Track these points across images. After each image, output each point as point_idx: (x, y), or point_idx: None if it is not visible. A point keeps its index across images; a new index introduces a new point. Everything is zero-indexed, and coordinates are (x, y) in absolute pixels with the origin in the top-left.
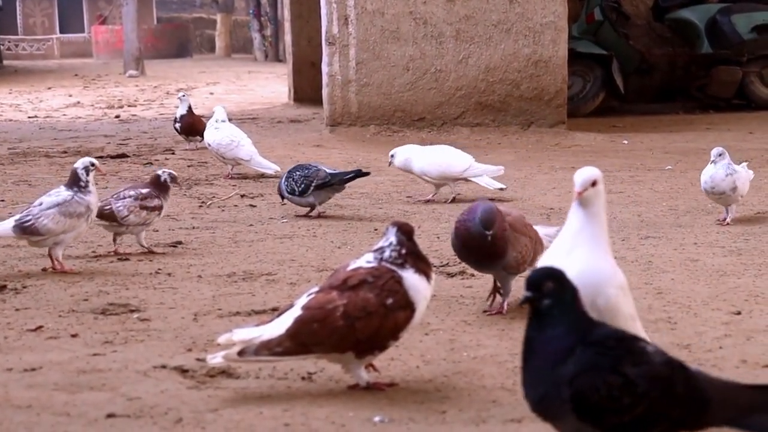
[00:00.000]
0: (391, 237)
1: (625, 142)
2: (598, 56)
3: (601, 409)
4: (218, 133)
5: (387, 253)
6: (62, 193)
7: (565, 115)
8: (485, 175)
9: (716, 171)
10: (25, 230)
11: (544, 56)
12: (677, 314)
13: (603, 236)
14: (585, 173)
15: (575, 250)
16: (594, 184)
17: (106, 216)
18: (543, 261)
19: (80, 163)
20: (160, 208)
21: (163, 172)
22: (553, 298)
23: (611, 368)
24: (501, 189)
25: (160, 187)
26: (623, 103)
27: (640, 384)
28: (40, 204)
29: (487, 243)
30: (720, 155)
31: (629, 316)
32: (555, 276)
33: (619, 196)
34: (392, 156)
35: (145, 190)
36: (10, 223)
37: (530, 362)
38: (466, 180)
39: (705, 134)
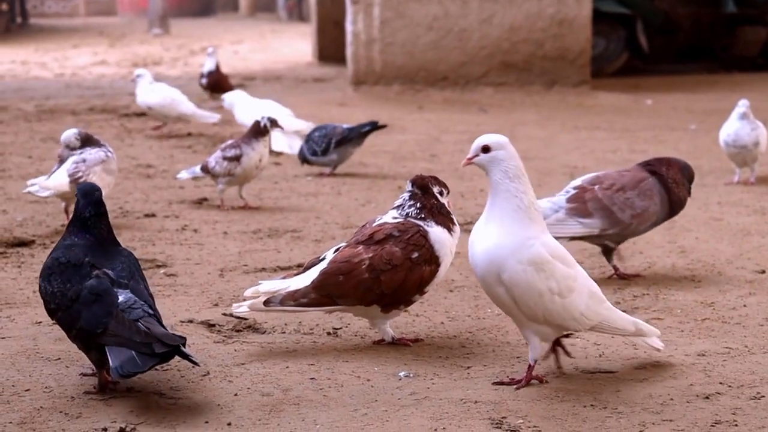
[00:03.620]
0: (406, 192)
1: (649, 101)
2: (621, 16)
3: (46, 308)
4: (155, 94)
5: (405, 209)
6: (96, 151)
7: (588, 74)
8: (295, 136)
9: (741, 125)
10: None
11: (569, 15)
12: (701, 273)
13: (512, 208)
14: (478, 139)
15: (488, 224)
16: (486, 150)
17: (204, 168)
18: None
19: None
20: (237, 158)
21: (263, 117)
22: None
23: (47, 279)
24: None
25: (255, 131)
26: (647, 63)
27: (53, 298)
28: (84, 160)
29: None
30: (748, 107)
31: (544, 292)
32: (84, 191)
33: (643, 155)
34: (223, 99)
35: (230, 141)
36: (64, 177)
37: None
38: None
39: (729, 94)
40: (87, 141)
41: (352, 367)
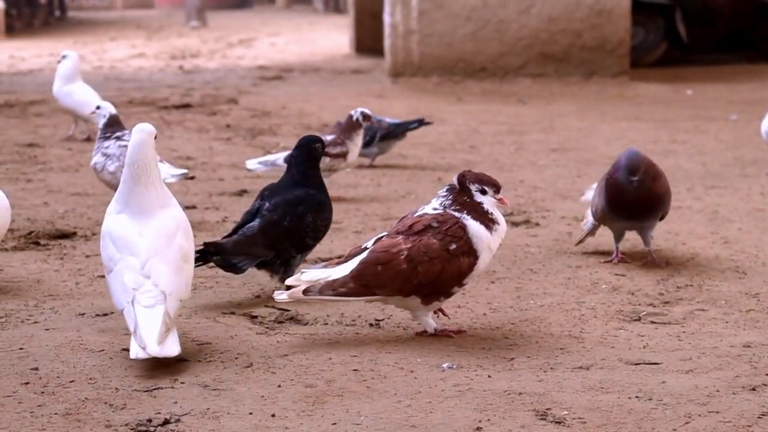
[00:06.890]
0: (446, 186)
1: (689, 92)
2: (660, 6)
3: None
4: None
5: (441, 200)
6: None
7: (627, 65)
8: None
9: None
10: None
11: (607, 5)
12: (745, 263)
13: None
14: None
15: None
16: None
17: None
18: None
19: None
20: (343, 154)
21: (356, 111)
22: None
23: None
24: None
25: (351, 126)
26: (686, 53)
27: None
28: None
29: (634, 190)
30: None
31: (103, 262)
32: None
33: (684, 146)
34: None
35: (330, 137)
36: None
37: None
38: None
39: None
40: (115, 123)
41: (395, 359)
